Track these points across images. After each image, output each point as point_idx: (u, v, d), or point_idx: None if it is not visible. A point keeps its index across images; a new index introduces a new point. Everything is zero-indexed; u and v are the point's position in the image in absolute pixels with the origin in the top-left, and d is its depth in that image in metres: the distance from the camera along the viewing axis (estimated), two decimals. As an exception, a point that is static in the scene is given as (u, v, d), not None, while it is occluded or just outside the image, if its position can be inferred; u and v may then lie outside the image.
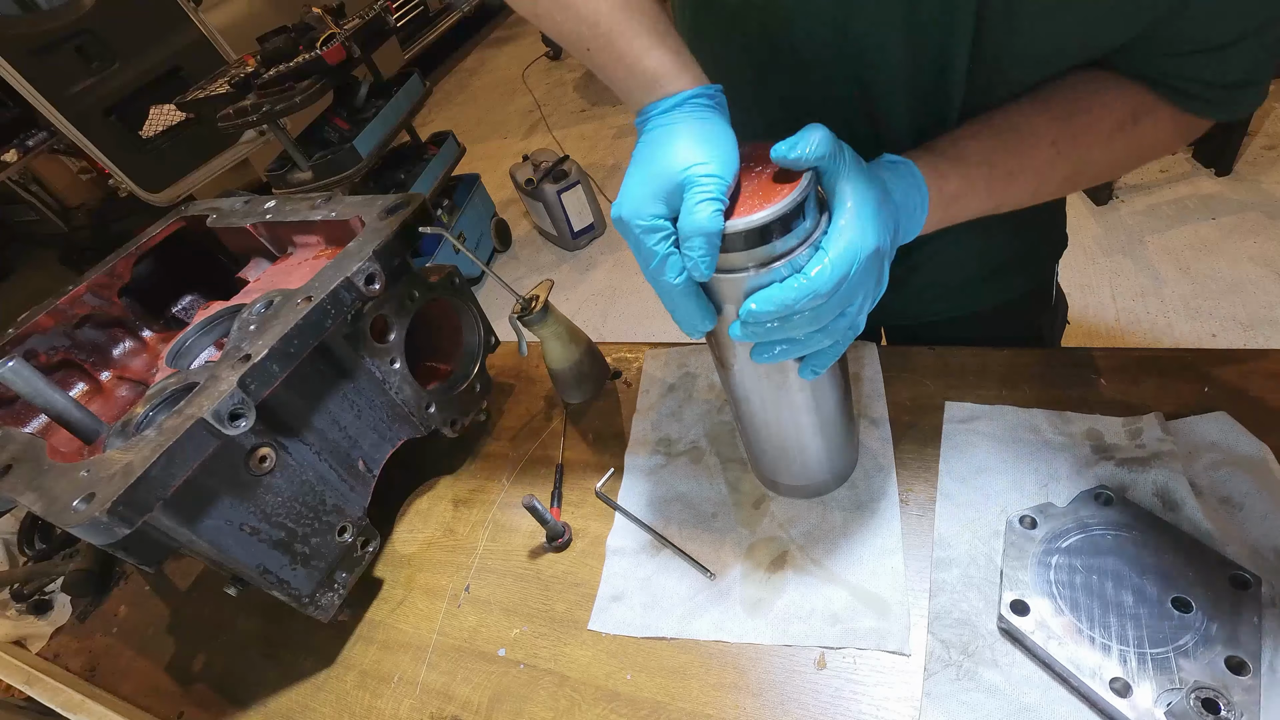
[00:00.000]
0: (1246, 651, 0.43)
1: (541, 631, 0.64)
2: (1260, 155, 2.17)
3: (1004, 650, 0.49)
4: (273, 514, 0.62)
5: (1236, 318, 1.79)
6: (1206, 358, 0.62)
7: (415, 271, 0.73)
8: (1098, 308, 1.94)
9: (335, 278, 0.62)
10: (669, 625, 0.60)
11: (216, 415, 0.52)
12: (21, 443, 0.59)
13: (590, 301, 2.75)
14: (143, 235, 0.88)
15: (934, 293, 0.79)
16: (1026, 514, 0.54)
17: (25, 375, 0.66)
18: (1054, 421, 0.61)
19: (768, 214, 0.40)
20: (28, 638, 0.89)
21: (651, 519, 0.68)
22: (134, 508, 0.48)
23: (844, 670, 0.53)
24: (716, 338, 0.52)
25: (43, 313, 0.79)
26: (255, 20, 3.53)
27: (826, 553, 0.60)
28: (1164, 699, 0.42)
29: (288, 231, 0.81)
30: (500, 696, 0.61)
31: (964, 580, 0.54)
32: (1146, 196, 2.20)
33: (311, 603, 0.65)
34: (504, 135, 4.33)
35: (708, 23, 0.62)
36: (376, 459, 0.74)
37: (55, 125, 2.99)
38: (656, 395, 0.81)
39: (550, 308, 0.77)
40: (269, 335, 0.58)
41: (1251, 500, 0.51)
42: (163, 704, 0.75)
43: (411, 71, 2.80)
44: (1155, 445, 0.56)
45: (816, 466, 0.61)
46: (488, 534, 0.75)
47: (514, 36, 5.78)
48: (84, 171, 3.87)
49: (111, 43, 3.06)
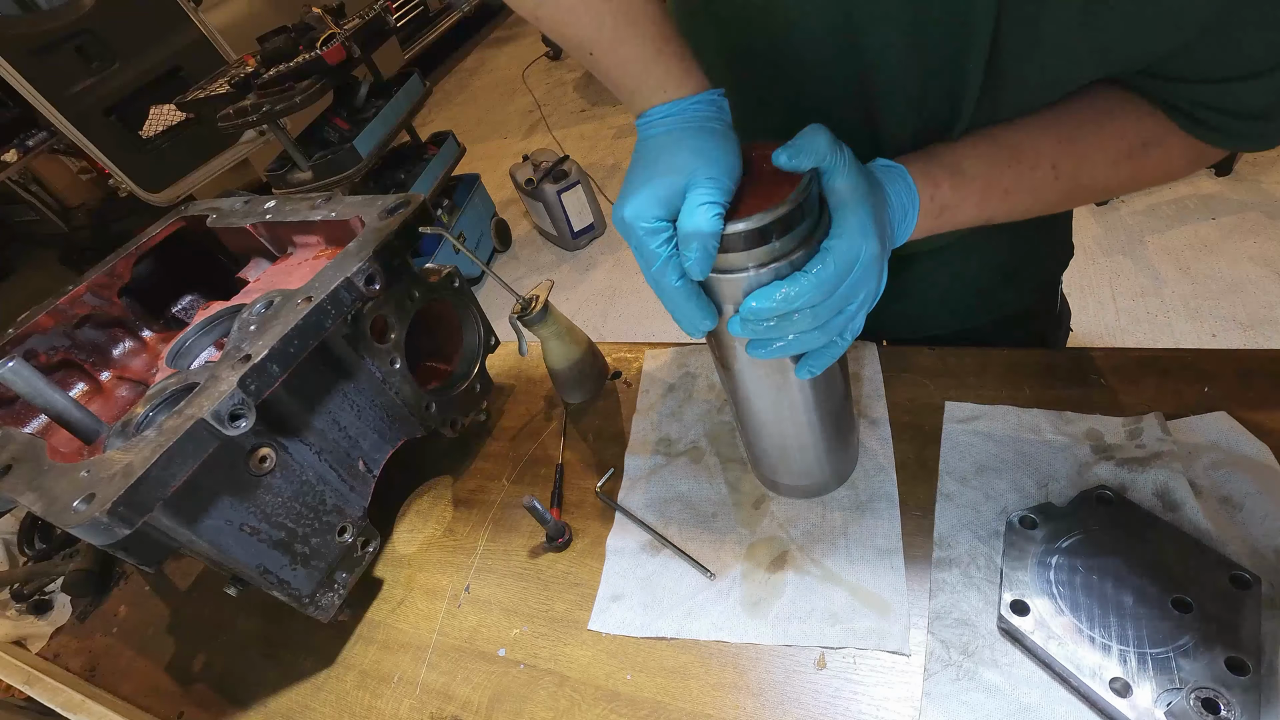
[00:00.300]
0: (1246, 651, 0.43)
1: (541, 631, 0.64)
2: (1260, 155, 2.17)
3: (1004, 650, 0.49)
4: (273, 514, 0.62)
5: (1236, 318, 1.79)
6: (1206, 358, 0.62)
7: (415, 271, 0.73)
8: (1098, 308, 1.94)
9: (335, 278, 0.62)
10: (669, 625, 0.60)
11: (216, 415, 0.52)
12: (21, 443, 0.59)
13: (590, 301, 2.75)
14: (143, 235, 0.88)
15: (936, 305, 0.79)
16: (1026, 514, 0.54)
17: (25, 375, 0.66)
18: (1054, 421, 0.61)
19: (767, 215, 0.41)
20: (28, 638, 0.89)
21: (651, 519, 0.68)
22: (134, 508, 0.48)
23: (844, 670, 0.53)
24: (717, 338, 0.52)
25: (43, 313, 0.79)
26: (255, 20, 3.54)
27: (826, 553, 0.60)
28: (1164, 699, 0.42)
29: (288, 231, 0.81)
30: (500, 696, 0.61)
31: (964, 580, 0.54)
32: (1146, 196, 2.20)
33: (311, 603, 0.65)
34: (504, 135, 4.33)
35: (707, 24, 0.62)
36: (376, 459, 0.74)
37: (55, 125, 3.00)
38: (656, 395, 0.81)
39: (550, 308, 0.77)
40: (269, 335, 0.58)
41: (1251, 500, 0.51)
42: (163, 704, 0.75)
43: (411, 71, 2.80)
44: (1155, 445, 0.56)
45: (816, 466, 0.61)
46: (488, 534, 0.75)
47: (514, 36, 5.78)
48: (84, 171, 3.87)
49: (111, 43, 3.07)
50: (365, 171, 2.48)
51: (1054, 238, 0.79)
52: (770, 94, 0.61)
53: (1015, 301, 0.79)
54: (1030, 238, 0.74)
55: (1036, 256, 0.78)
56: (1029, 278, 0.79)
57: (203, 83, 2.56)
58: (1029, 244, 0.75)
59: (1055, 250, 0.80)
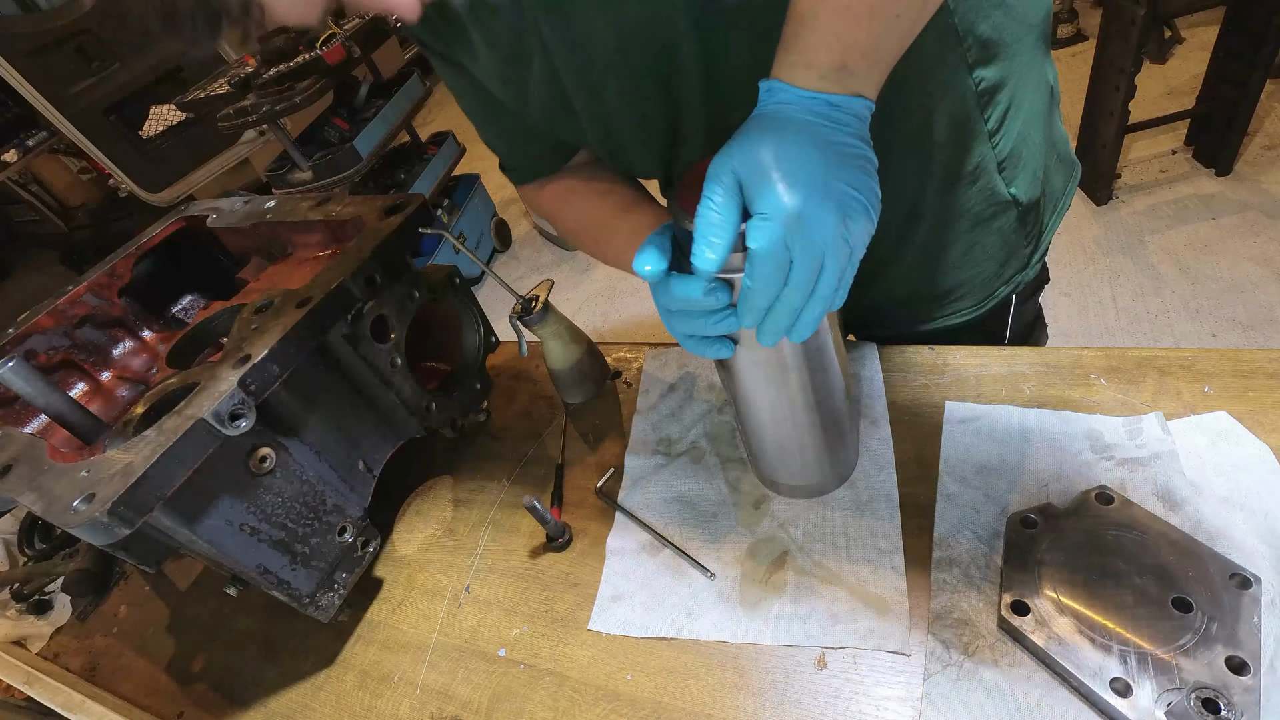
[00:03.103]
0: (1246, 651, 0.43)
1: (541, 631, 0.64)
2: (1260, 155, 2.17)
3: (1004, 650, 0.49)
4: (273, 514, 0.62)
5: (1236, 318, 1.79)
6: (1206, 358, 0.62)
7: (415, 271, 0.73)
8: (1098, 308, 1.94)
9: (335, 278, 0.62)
10: (669, 625, 0.60)
11: (216, 415, 0.52)
12: (21, 443, 0.59)
13: (590, 301, 2.75)
14: (143, 235, 0.88)
15: (882, 307, 0.79)
16: (1026, 514, 0.54)
17: (25, 375, 0.66)
18: (1054, 421, 0.61)
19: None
20: (28, 638, 0.89)
21: (651, 519, 0.68)
22: (134, 508, 0.48)
23: (844, 670, 0.53)
24: None
25: (43, 313, 0.79)
26: (255, 20, 3.53)
27: (826, 553, 0.60)
28: (1164, 699, 0.42)
29: (288, 231, 0.81)
30: (500, 696, 0.61)
31: (964, 580, 0.54)
32: (1146, 196, 2.20)
33: (311, 603, 0.65)
34: (504, 135, 4.32)
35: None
36: (376, 459, 0.74)
37: (55, 125, 3.00)
38: (656, 395, 0.81)
39: (550, 308, 0.77)
40: (269, 335, 0.58)
41: (1251, 500, 0.51)
42: (163, 704, 0.75)
43: (411, 71, 2.80)
44: (1155, 445, 0.56)
45: (816, 466, 0.61)
46: (488, 534, 0.75)
47: (514, 36, 5.77)
48: (84, 171, 3.87)
49: (111, 43, 3.07)
50: (365, 171, 2.48)
51: (1003, 256, 0.73)
52: (642, 126, 0.63)
53: (956, 314, 0.77)
54: (973, 255, 0.72)
55: (979, 272, 0.74)
56: (968, 292, 0.75)
57: (203, 83, 2.56)
58: (971, 260, 0.72)
59: (1004, 269, 0.74)
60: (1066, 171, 0.75)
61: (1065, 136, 0.75)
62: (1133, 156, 2.33)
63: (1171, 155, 2.30)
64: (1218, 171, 2.16)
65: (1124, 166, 2.31)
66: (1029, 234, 0.72)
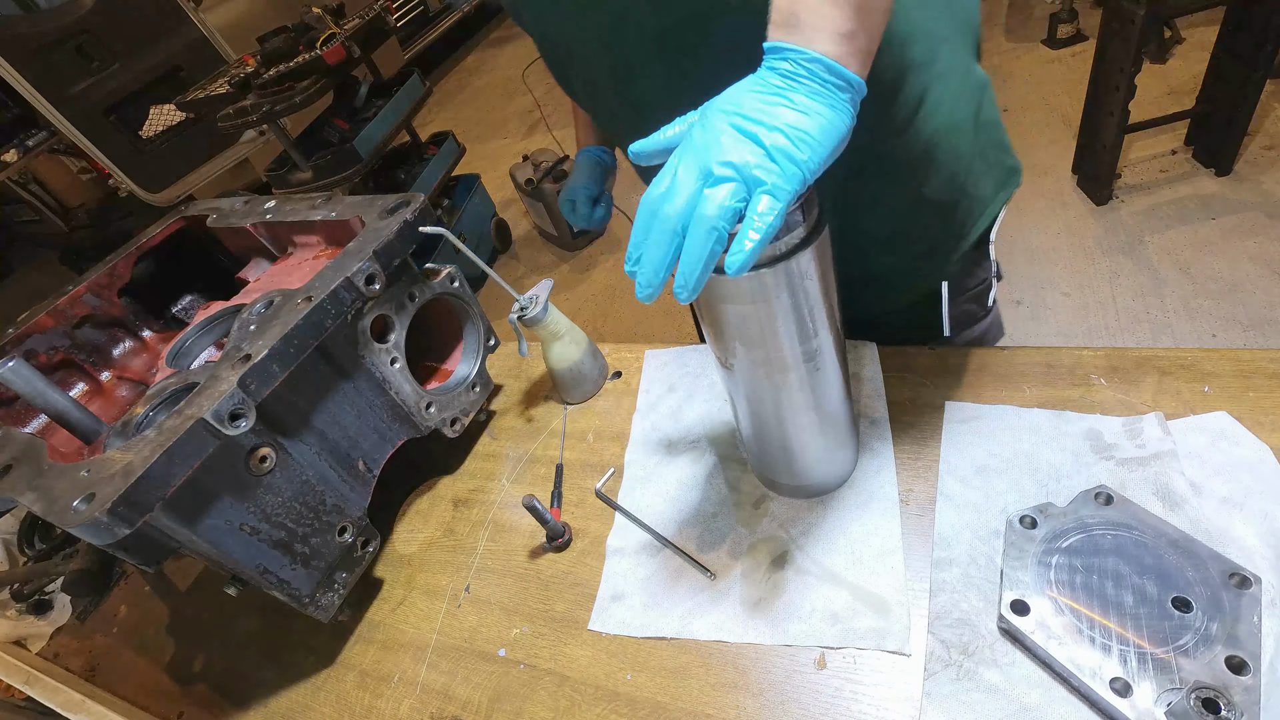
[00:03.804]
0: (1246, 651, 0.43)
1: (541, 631, 0.64)
2: (1260, 155, 2.17)
3: (1004, 650, 0.49)
4: (273, 514, 0.62)
5: (1236, 318, 1.79)
6: (1206, 358, 0.62)
7: (415, 271, 0.73)
8: (1098, 308, 1.94)
9: (335, 278, 0.62)
10: (669, 625, 0.60)
11: (216, 415, 0.52)
12: (21, 443, 0.59)
13: (590, 301, 2.75)
14: (143, 235, 0.88)
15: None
16: (1026, 514, 0.54)
17: (25, 375, 0.66)
18: (1054, 421, 0.61)
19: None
20: (28, 638, 0.90)
21: (651, 519, 0.68)
22: (134, 508, 0.48)
23: (844, 670, 0.53)
24: (719, 339, 0.52)
25: (43, 313, 0.79)
26: (255, 20, 3.53)
27: (826, 553, 0.60)
28: (1164, 699, 0.42)
29: (288, 231, 0.81)
30: (500, 696, 0.61)
31: (964, 580, 0.54)
32: (1146, 196, 2.20)
33: (311, 603, 0.65)
34: (504, 135, 4.33)
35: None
36: (376, 459, 0.74)
37: (55, 125, 3.00)
38: (656, 395, 0.81)
39: (550, 308, 0.77)
40: (269, 335, 0.58)
41: (1251, 500, 0.51)
42: (163, 704, 0.75)
43: (411, 71, 2.80)
44: (1155, 445, 0.56)
45: (816, 466, 0.61)
46: (488, 534, 0.75)
47: (514, 36, 5.78)
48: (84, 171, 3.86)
49: (111, 43, 3.07)
50: (365, 171, 2.48)
51: (930, 250, 0.74)
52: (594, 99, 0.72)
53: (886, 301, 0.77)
54: (899, 242, 0.72)
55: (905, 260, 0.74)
56: (897, 279, 0.76)
57: (203, 83, 2.56)
58: (898, 248, 0.73)
59: (932, 261, 0.75)
60: (1001, 178, 0.74)
61: (1003, 143, 0.74)
62: (1133, 156, 2.33)
63: (1171, 155, 2.30)
64: (1218, 171, 2.16)
65: (1124, 166, 2.30)
66: (951, 233, 0.73)
